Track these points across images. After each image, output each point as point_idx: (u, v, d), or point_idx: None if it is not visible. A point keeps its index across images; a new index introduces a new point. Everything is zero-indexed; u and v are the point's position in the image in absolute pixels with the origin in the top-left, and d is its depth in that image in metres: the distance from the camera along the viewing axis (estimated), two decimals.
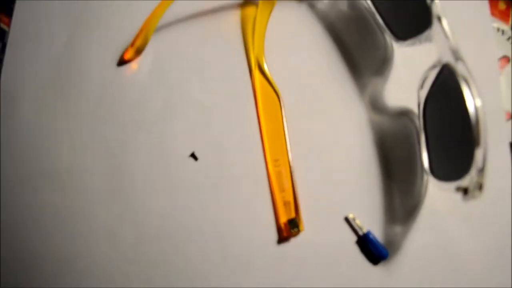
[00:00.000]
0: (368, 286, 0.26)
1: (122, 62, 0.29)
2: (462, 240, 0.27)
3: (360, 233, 0.27)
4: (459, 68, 0.22)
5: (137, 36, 0.28)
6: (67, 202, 0.27)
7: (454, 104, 0.23)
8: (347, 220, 0.27)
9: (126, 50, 0.29)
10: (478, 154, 0.21)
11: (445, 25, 0.22)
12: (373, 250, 0.26)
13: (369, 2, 0.29)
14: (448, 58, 0.23)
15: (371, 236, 0.26)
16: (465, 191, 0.22)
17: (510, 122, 0.29)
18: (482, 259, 0.26)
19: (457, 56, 0.22)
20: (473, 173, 0.21)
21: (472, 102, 0.22)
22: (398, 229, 0.27)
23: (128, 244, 0.27)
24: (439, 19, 0.23)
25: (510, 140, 0.28)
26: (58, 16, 0.31)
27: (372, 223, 0.27)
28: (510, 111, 0.29)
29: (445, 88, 0.24)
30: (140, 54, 0.29)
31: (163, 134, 0.28)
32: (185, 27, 0.30)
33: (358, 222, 0.27)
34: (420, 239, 0.27)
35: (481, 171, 0.21)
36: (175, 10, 0.29)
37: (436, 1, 0.23)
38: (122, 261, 0.27)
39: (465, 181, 0.22)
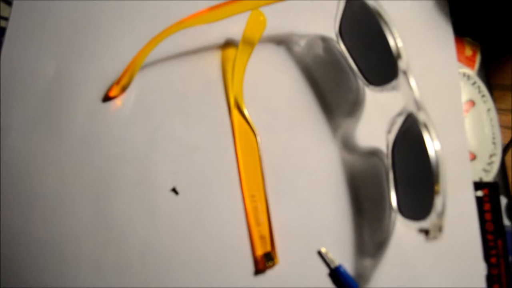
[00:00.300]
0: None
1: (107, 98, 0.31)
2: (427, 273, 0.28)
3: (332, 266, 0.28)
4: (421, 116, 0.24)
5: (122, 75, 0.29)
6: (54, 230, 0.28)
7: (418, 149, 0.24)
8: (319, 253, 0.28)
9: (111, 87, 0.30)
10: (438, 200, 0.23)
11: (410, 79, 0.24)
12: (344, 283, 0.27)
13: (343, 48, 0.30)
14: (412, 108, 0.24)
15: (342, 269, 0.27)
16: (426, 232, 0.23)
17: (474, 162, 0.30)
18: None
19: (419, 106, 0.24)
20: (433, 217, 0.23)
21: (432, 149, 0.23)
22: (367, 262, 0.28)
23: (111, 271, 0.28)
24: (404, 73, 0.24)
25: (473, 180, 0.30)
26: (46, 50, 0.32)
27: (343, 256, 0.28)
28: (474, 152, 0.30)
29: (410, 134, 0.25)
30: (124, 91, 0.31)
31: (145, 168, 0.29)
32: (168, 66, 0.31)
33: (330, 256, 0.28)
34: (388, 272, 0.28)
35: (441, 215, 0.23)
36: (160, 50, 0.30)
37: (402, 57, 0.24)
38: (106, 286, 0.27)
39: (426, 223, 0.23)
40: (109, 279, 0.28)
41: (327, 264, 0.28)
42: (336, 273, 0.28)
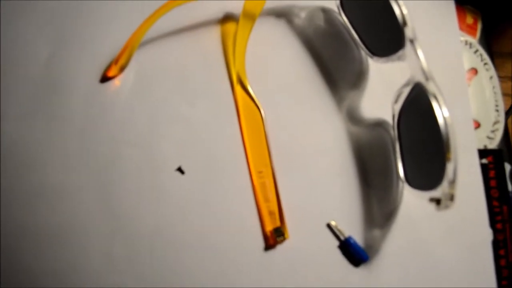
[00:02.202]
0: (350, 287, 0.27)
1: (105, 79, 0.30)
2: (435, 241, 0.28)
3: (342, 238, 0.28)
4: (430, 86, 0.24)
5: (121, 53, 0.29)
6: (59, 221, 0.28)
7: (426, 118, 0.24)
8: (329, 226, 0.28)
9: (109, 67, 0.29)
10: (449, 167, 0.23)
11: (417, 47, 0.24)
12: (354, 254, 0.28)
13: (345, 19, 0.30)
14: (419, 78, 0.24)
15: (352, 240, 0.28)
16: (437, 202, 0.23)
17: (478, 130, 0.30)
18: (456, 260, 0.28)
19: (428, 76, 0.24)
20: (444, 185, 0.23)
21: (442, 118, 0.23)
22: (376, 233, 0.28)
23: (121, 260, 0.27)
24: (411, 41, 0.24)
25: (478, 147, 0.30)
26: (39, 32, 0.31)
27: (353, 228, 0.28)
28: (478, 120, 0.31)
29: (418, 103, 0.25)
30: (123, 71, 0.30)
31: (149, 149, 0.29)
32: (167, 43, 0.30)
33: (339, 228, 0.28)
34: (397, 242, 0.28)
35: (452, 183, 0.23)
36: (158, 27, 0.29)
37: (409, 25, 0.24)
38: (116, 278, 0.27)
39: (437, 192, 0.24)
40: (119, 266, 0.27)
41: (336, 236, 0.28)
42: (346, 245, 0.28)
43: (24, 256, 0.27)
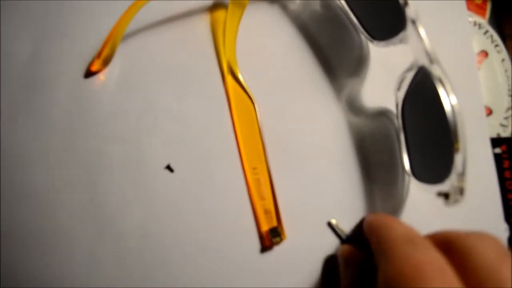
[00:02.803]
0: None
1: (89, 74, 0.28)
2: None
3: (344, 237, 0.26)
4: (435, 70, 0.22)
5: (103, 46, 0.27)
6: (46, 221, 0.26)
7: (432, 105, 0.22)
8: (329, 225, 0.27)
9: (92, 61, 0.28)
10: (458, 158, 0.21)
11: (419, 28, 0.22)
12: None
13: (343, 2, 0.28)
14: (423, 61, 0.22)
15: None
16: (446, 196, 0.22)
17: (490, 117, 0.29)
18: None
19: (432, 58, 0.22)
20: (453, 178, 0.21)
21: (449, 105, 0.21)
22: None
23: (108, 261, 0.26)
24: (413, 22, 0.22)
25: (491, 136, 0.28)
26: (20, 27, 0.29)
27: None
28: (490, 106, 0.29)
29: (422, 89, 0.23)
30: (107, 65, 0.28)
31: (136, 145, 0.27)
32: (152, 33, 0.29)
33: (340, 227, 0.26)
34: None
35: (462, 175, 0.21)
36: (141, 17, 0.27)
37: (410, 5, 0.22)
38: (104, 278, 0.26)
39: (445, 186, 0.22)
40: (107, 268, 0.26)
41: (338, 235, 0.26)
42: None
43: (6, 260, 0.26)
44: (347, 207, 0.27)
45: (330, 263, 0.26)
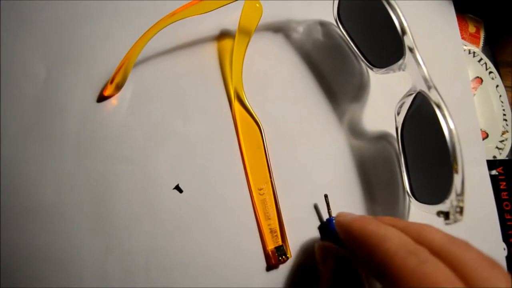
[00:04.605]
0: None
1: (101, 98, 0.29)
2: None
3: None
4: (433, 95, 0.23)
5: (116, 72, 0.28)
6: (55, 240, 0.27)
7: (430, 128, 0.23)
8: (325, 197, 0.27)
9: (105, 86, 0.29)
10: (457, 179, 0.22)
11: (417, 55, 0.23)
12: None
13: (343, 31, 0.29)
14: (421, 86, 0.23)
15: None
16: (446, 215, 0.22)
17: (486, 140, 0.29)
18: None
19: (429, 84, 0.23)
20: (452, 198, 0.22)
21: (446, 128, 0.22)
22: None
23: (115, 279, 0.26)
24: (411, 50, 0.23)
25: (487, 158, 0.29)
26: (36, 52, 0.30)
27: None
28: (486, 130, 0.30)
29: (421, 114, 0.24)
30: (120, 90, 0.29)
31: (146, 167, 0.28)
32: (163, 61, 0.30)
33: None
34: None
35: (460, 195, 0.22)
36: (153, 45, 0.29)
37: (408, 34, 0.23)
38: None
39: (445, 206, 0.23)
40: (115, 285, 0.26)
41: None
42: None
43: (15, 278, 0.26)
44: None
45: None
